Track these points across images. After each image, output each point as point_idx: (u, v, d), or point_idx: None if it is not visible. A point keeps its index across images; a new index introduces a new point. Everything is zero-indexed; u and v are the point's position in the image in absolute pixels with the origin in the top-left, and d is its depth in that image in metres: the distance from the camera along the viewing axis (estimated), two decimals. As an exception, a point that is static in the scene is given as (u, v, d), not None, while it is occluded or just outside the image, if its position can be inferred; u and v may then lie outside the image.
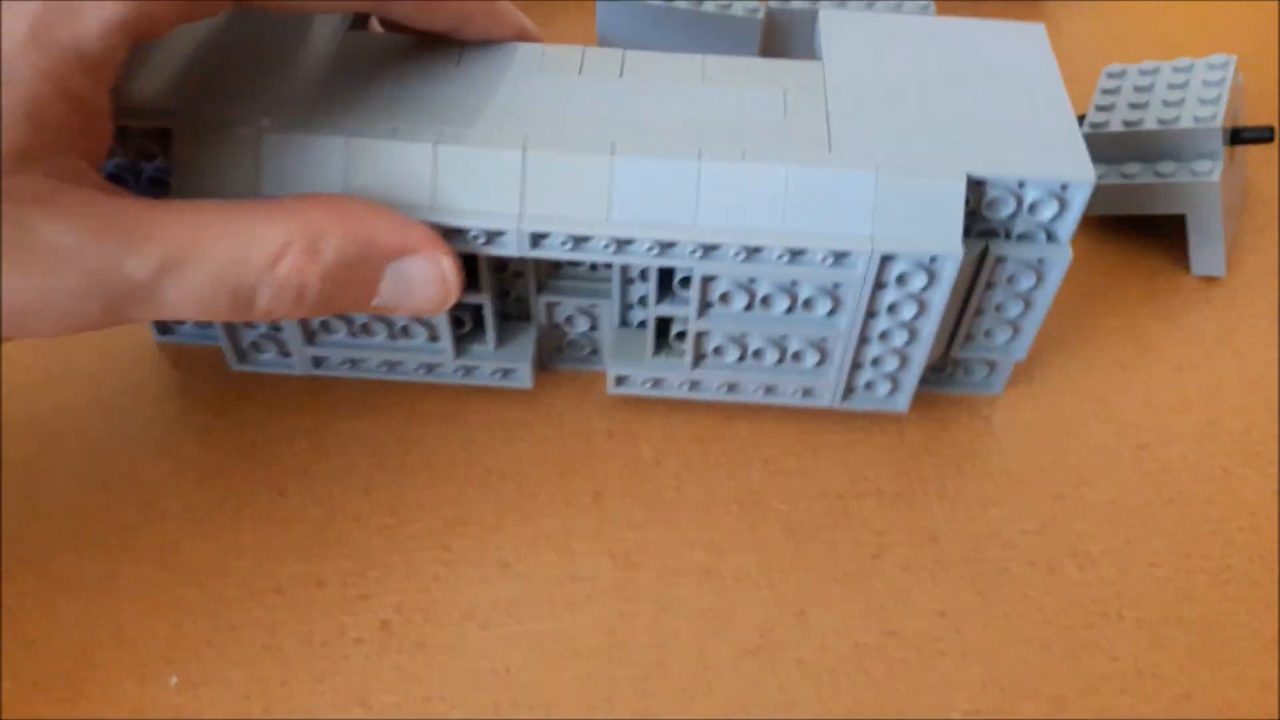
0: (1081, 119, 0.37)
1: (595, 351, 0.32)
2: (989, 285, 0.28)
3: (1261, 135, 0.35)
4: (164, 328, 0.32)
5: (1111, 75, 0.38)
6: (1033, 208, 0.27)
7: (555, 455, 0.30)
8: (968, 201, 0.26)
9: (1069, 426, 0.32)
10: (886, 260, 0.26)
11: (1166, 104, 0.35)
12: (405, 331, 0.30)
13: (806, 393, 0.30)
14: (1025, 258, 0.27)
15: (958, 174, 0.25)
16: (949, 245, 0.25)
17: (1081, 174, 0.26)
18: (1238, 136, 0.35)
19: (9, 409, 0.30)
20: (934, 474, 0.30)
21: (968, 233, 0.27)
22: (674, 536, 0.29)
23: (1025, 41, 0.29)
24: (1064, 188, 0.26)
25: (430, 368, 0.31)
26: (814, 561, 0.28)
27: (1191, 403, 0.32)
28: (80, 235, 0.20)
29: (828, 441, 0.31)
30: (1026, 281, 0.28)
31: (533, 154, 0.25)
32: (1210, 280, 0.36)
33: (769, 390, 0.30)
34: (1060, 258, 0.27)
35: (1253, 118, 0.41)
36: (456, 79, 0.28)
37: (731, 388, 0.30)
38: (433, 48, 0.28)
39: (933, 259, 0.26)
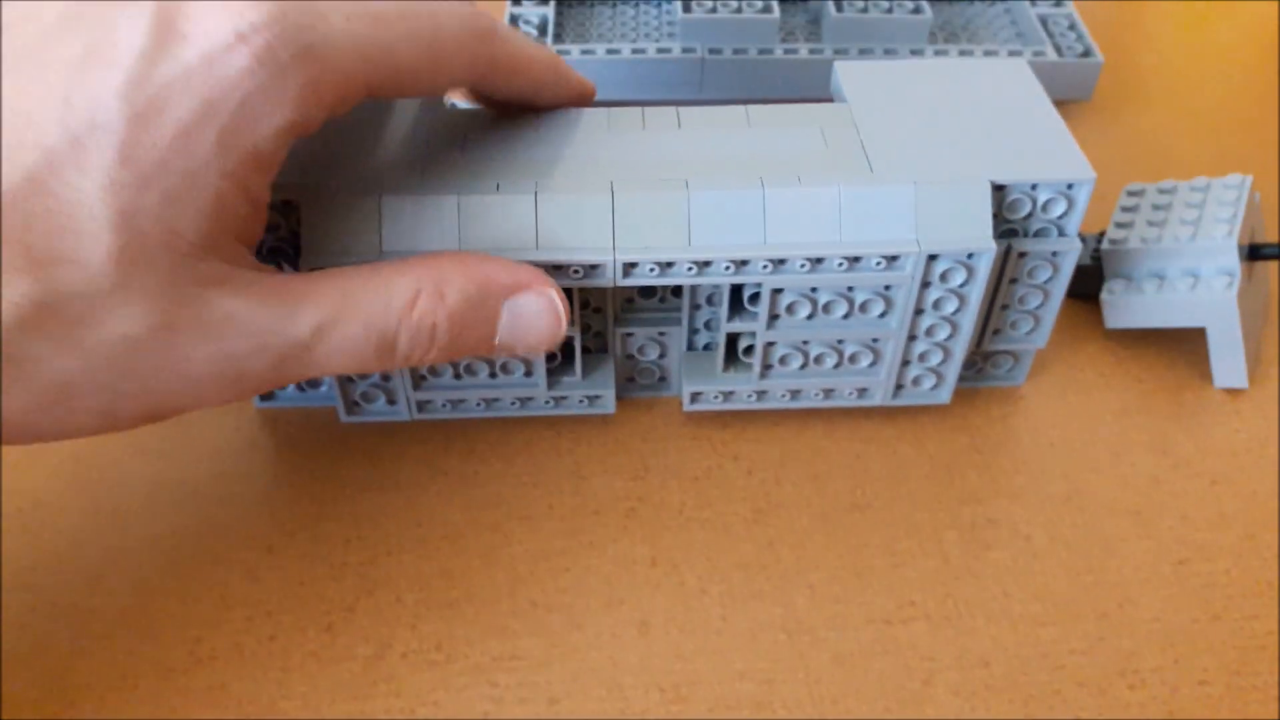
0: (1101, 235, 0.38)
1: (664, 378, 0.35)
2: (1013, 280, 0.32)
3: (1279, 252, 0.36)
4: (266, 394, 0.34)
5: (1131, 194, 0.39)
6: (1045, 206, 0.31)
7: (599, 586, 0.30)
8: (992, 204, 0.30)
9: (1108, 544, 0.32)
10: (931, 260, 0.30)
11: (1184, 222, 0.36)
12: (505, 368, 0.33)
13: (861, 392, 0.34)
14: (1042, 251, 0.31)
15: (983, 180, 0.29)
16: (983, 242, 0.29)
17: (1083, 174, 0.30)
18: (1256, 252, 0.36)
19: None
20: (978, 596, 0.30)
21: (995, 232, 0.31)
22: (723, 668, 0.29)
23: (1013, 72, 0.34)
24: (1070, 187, 0.30)
25: (524, 401, 0.33)
26: (865, 690, 0.28)
27: (1229, 517, 0.32)
28: (252, 306, 0.23)
29: (871, 565, 0.31)
30: (1044, 274, 0.32)
31: (620, 195, 0.29)
32: (1237, 392, 0.36)
33: (827, 394, 0.34)
34: (1071, 249, 0.31)
35: (1271, 234, 0.42)
36: (539, 141, 0.31)
37: (794, 394, 0.34)
38: (512, 116, 0.32)
39: (970, 255, 0.30)
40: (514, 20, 0.47)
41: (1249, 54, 0.54)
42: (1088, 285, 0.38)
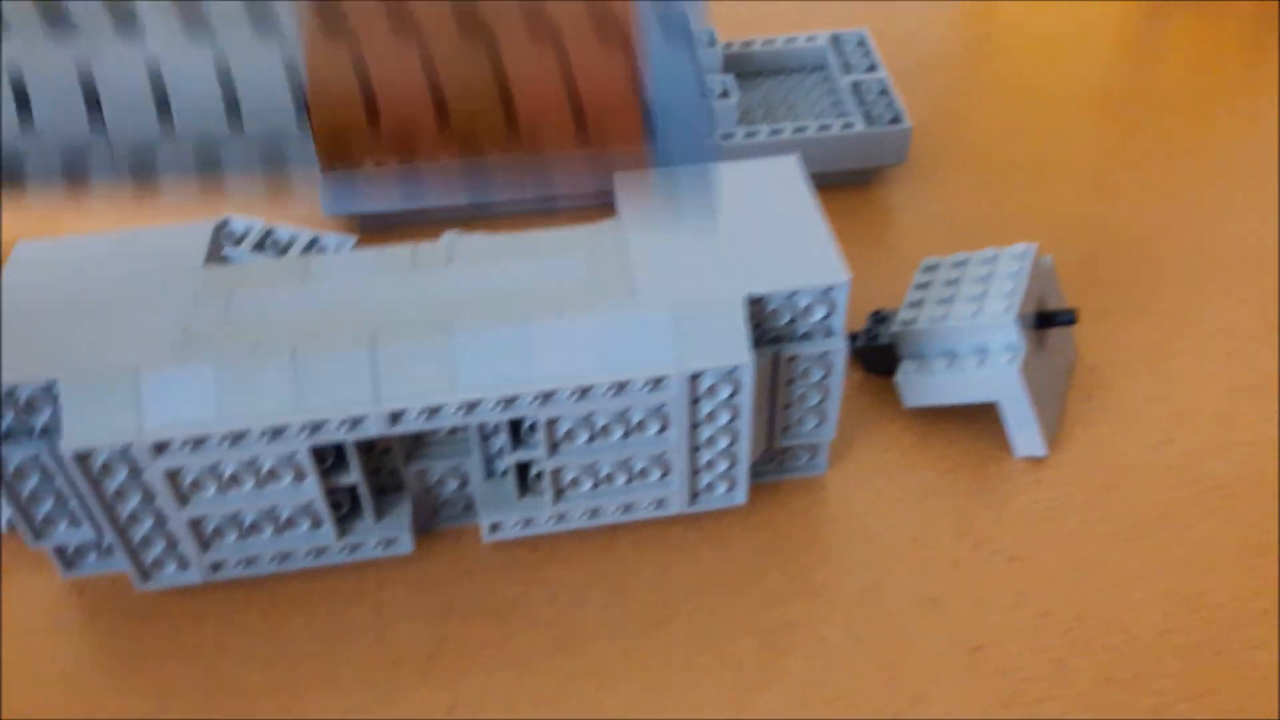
0: (890, 314, 0.39)
1: (470, 506, 0.35)
2: (789, 381, 0.33)
3: (1065, 319, 0.37)
4: (68, 561, 0.34)
5: (926, 269, 0.39)
6: (807, 311, 0.32)
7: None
8: (752, 316, 0.31)
9: (905, 637, 0.32)
10: (694, 377, 0.30)
11: (969, 298, 0.36)
12: (290, 523, 0.32)
13: (659, 504, 0.34)
14: (811, 353, 0.32)
15: (737, 297, 0.30)
16: (740, 356, 0.30)
17: (839, 278, 0.31)
18: (1045, 320, 0.37)
19: None
20: (772, 706, 0.31)
21: (759, 341, 0.32)
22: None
23: (782, 172, 0.35)
24: (828, 291, 0.31)
25: (319, 552, 0.33)
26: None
27: (1026, 595, 0.33)
28: None
29: (669, 685, 0.31)
30: (818, 373, 0.33)
31: (381, 345, 0.29)
32: (1039, 460, 0.37)
33: (627, 508, 0.34)
34: (839, 348, 0.32)
35: (1073, 294, 0.43)
36: (304, 294, 0.31)
37: (594, 513, 0.34)
38: (285, 266, 0.32)
39: (732, 370, 0.30)
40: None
41: (1065, 111, 0.55)
42: (890, 364, 0.38)
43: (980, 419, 0.38)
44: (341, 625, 0.33)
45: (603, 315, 0.30)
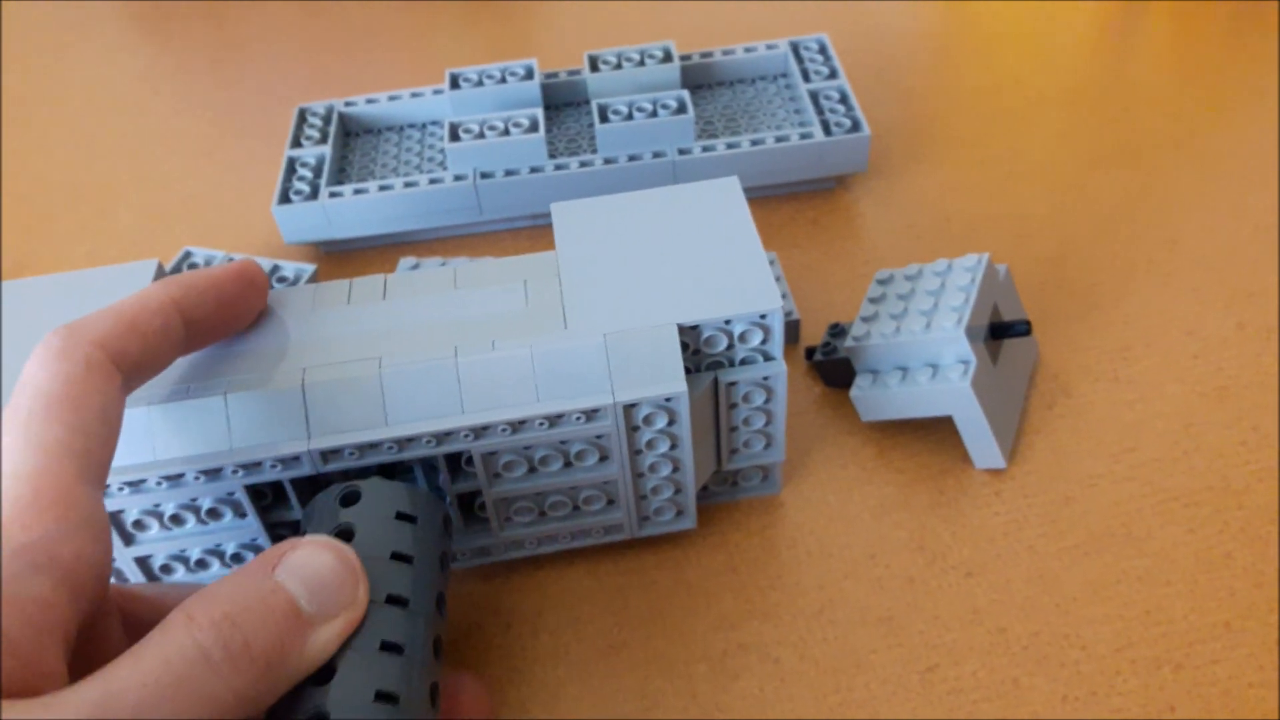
0: (848, 327, 0.38)
1: None
2: (731, 405, 0.33)
3: (1019, 330, 0.36)
4: None
5: (880, 282, 0.39)
6: (743, 337, 0.31)
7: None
8: (687, 345, 0.31)
9: (858, 657, 0.32)
10: (630, 408, 0.30)
11: (920, 312, 0.36)
12: (238, 559, 0.32)
13: (609, 529, 0.34)
14: (752, 378, 0.32)
15: (670, 325, 0.30)
16: (674, 385, 0.30)
17: (772, 304, 0.30)
18: (999, 331, 0.37)
19: None
20: (724, 734, 0.30)
21: (698, 368, 0.32)
22: None
23: (722, 194, 0.34)
24: (763, 316, 0.31)
25: None
26: None
27: (981, 611, 0.33)
28: None
29: (621, 712, 0.31)
30: (760, 397, 0.33)
31: (310, 383, 0.29)
32: (998, 472, 0.36)
33: (577, 535, 0.34)
34: (779, 371, 0.32)
35: (1031, 302, 0.43)
36: (241, 333, 0.31)
37: (544, 540, 0.34)
38: None
39: (667, 399, 0.30)
40: (291, 164, 0.48)
41: (1033, 112, 0.55)
42: (848, 377, 0.38)
43: (940, 431, 0.38)
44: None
45: (534, 347, 0.29)
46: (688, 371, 0.31)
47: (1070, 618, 0.32)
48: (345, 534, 0.26)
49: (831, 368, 0.39)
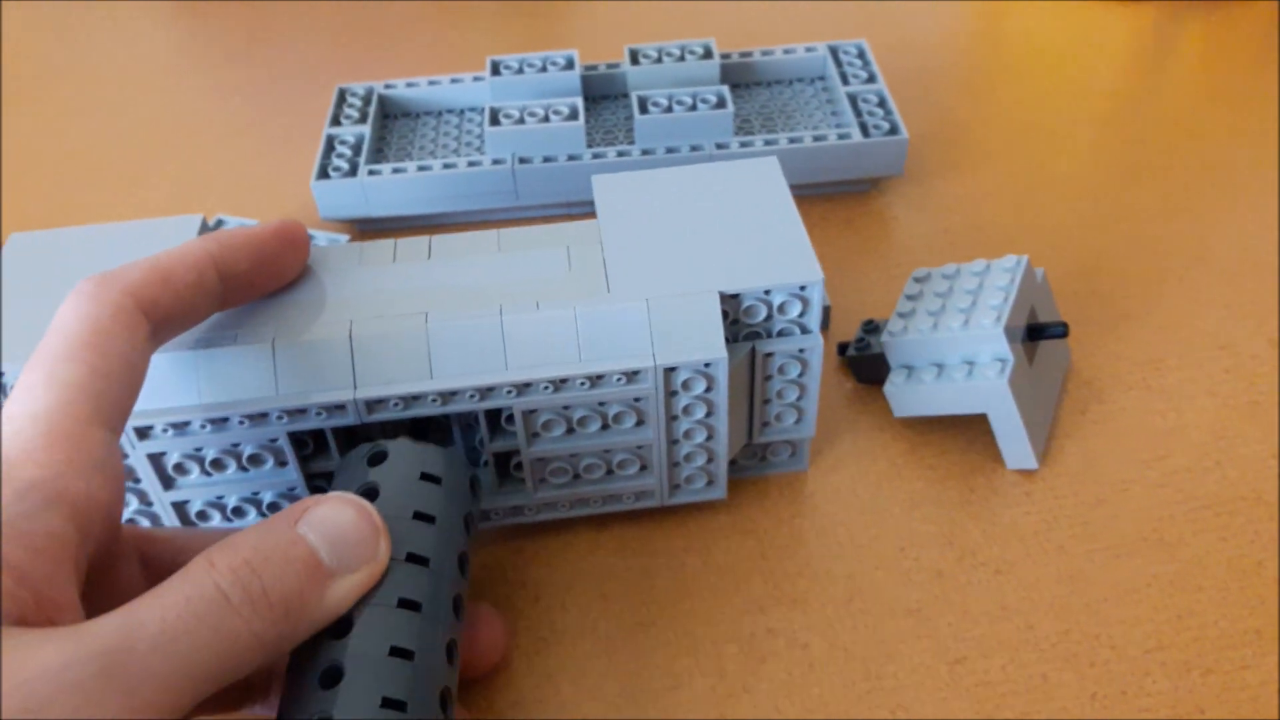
0: (882, 323, 0.39)
1: None
2: (766, 377, 0.33)
3: (1056, 332, 0.36)
4: None
5: (917, 280, 0.39)
6: (782, 308, 0.32)
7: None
8: (727, 314, 0.31)
9: (887, 647, 0.32)
10: (669, 371, 0.30)
11: (959, 309, 0.36)
12: (274, 508, 0.32)
13: (640, 496, 0.34)
14: (788, 349, 0.32)
15: (712, 292, 0.30)
16: (715, 350, 0.30)
17: (812, 276, 0.31)
18: (1035, 333, 0.37)
19: None
20: (750, 713, 0.30)
21: (735, 338, 0.32)
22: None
23: (761, 172, 0.35)
24: (802, 288, 0.31)
25: None
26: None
27: (1010, 608, 0.33)
28: None
29: (648, 688, 0.31)
30: (794, 370, 0.33)
31: (358, 335, 0.29)
32: (1029, 473, 0.36)
33: (609, 499, 0.34)
34: (815, 344, 0.32)
35: (1065, 306, 0.43)
36: (288, 285, 0.31)
37: (576, 503, 0.34)
38: None
39: (706, 364, 0.30)
40: (330, 141, 0.48)
41: (1067, 120, 0.55)
42: (881, 373, 0.38)
43: (972, 430, 0.38)
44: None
45: (578, 308, 0.30)
46: (727, 340, 0.31)
47: (1100, 618, 0.32)
48: (370, 493, 0.27)
49: (864, 363, 0.39)
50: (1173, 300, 0.43)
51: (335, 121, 0.49)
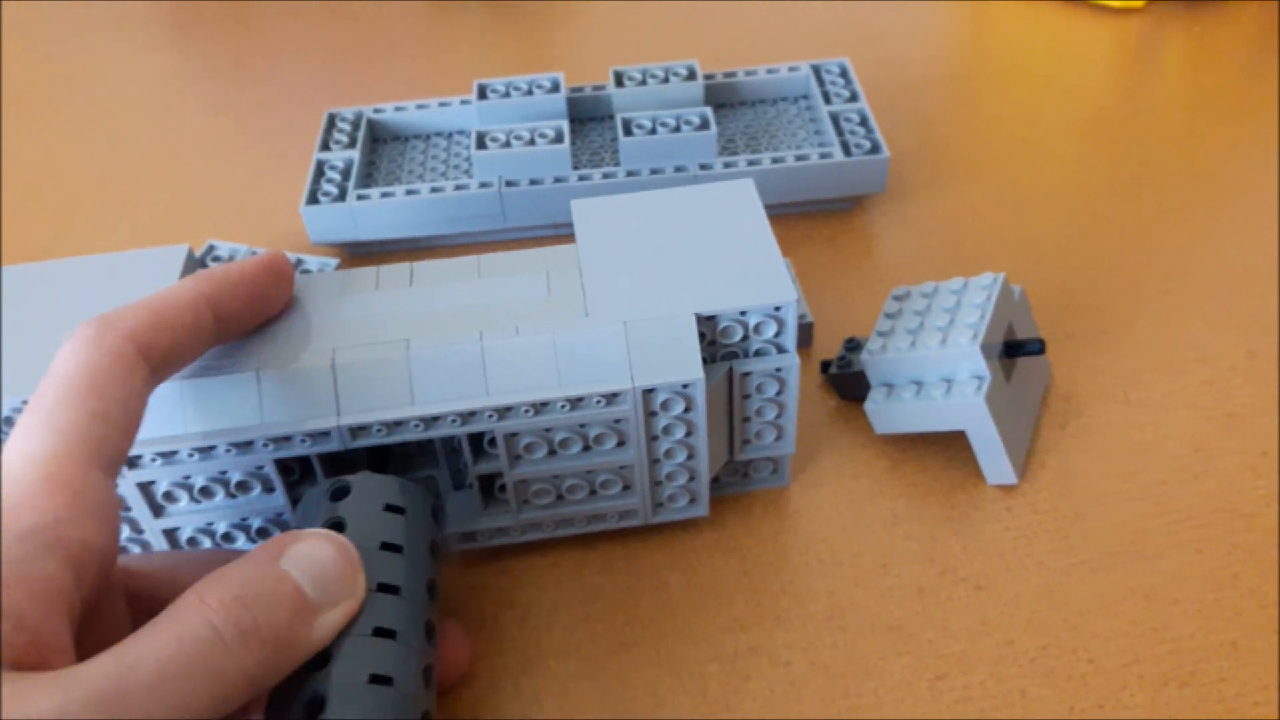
0: (863, 341, 0.39)
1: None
2: (745, 396, 0.34)
3: (1033, 349, 0.37)
4: None
5: (896, 298, 0.40)
6: (758, 329, 0.32)
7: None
8: (704, 335, 0.32)
9: (867, 664, 0.32)
10: (648, 393, 0.31)
11: (936, 327, 0.37)
12: (263, 534, 0.33)
13: (623, 515, 0.35)
14: (765, 369, 0.33)
15: (688, 314, 0.31)
16: (691, 372, 0.31)
17: (786, 297, 0.31)
18: (1013, 350, 0.37)
19: None
20: (733, 733, 0.31)
21: (713, 358, 0.33)
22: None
23: (738, 193, 0.35)
24: (777, 309, 0.32)
25: None
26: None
27: (990, 624, 0.33)
28: None
29: (631, 709, 0.31)
30: (772, 388, 0.34)
31: (340, 363, 0.30)
32: (1010, 488, 0.37)
33: (593, 519, 0.35)
34: (791, 363, 0.33)
35: (1044, 322, 0.43)
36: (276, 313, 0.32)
37: (561, 523, 0.34)
38: None
39: (684, 385, 0.31)
40: (320, 166, 0.48)
41: (1050, 136, 0.55)
42: (863, 391, 0.39)
43: (953, 446, 0.38)
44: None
45: (557, 332, 0.30)
46: (704, 361, 0.32)
47: (1079, 632, 0.32)
48: (336, 526, 0.27)
49: (846, 381, 0.39)
50: (1152, 313, 0.43)
51: (325, 146, 0.50)
